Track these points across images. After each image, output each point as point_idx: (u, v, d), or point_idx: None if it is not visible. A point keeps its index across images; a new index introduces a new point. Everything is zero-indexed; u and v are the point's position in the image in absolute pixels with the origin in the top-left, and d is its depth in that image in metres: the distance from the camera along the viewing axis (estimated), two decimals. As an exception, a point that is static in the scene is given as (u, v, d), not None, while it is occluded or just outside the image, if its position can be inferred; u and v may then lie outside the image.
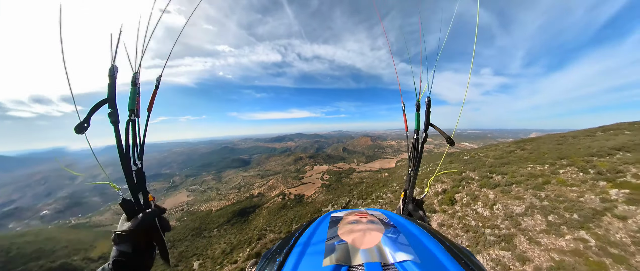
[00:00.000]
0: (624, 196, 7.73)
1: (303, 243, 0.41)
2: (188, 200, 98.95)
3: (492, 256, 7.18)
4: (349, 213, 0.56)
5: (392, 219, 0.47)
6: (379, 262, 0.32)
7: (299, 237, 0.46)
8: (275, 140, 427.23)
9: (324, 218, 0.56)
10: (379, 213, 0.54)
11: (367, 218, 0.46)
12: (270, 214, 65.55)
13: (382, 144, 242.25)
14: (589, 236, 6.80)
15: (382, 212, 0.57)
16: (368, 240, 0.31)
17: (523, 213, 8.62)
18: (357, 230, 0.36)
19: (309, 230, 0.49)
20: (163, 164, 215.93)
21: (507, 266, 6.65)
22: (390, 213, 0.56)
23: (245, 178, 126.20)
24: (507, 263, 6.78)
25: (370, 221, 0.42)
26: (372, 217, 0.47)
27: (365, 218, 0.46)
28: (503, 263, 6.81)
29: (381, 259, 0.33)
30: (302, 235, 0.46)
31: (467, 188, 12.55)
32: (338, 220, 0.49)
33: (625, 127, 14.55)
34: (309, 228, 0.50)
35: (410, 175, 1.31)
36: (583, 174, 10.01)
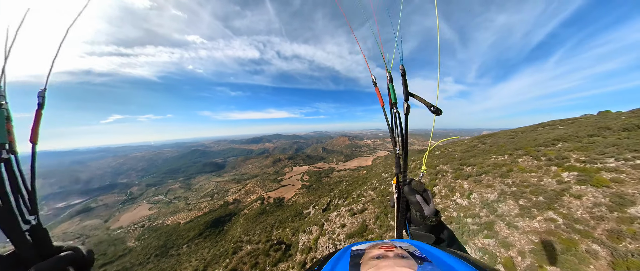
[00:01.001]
0: (574, 177, 8.67)
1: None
2: (150, 214, 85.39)
3: (478, 245, 7.13)
4: (372, 246, 0.47)
5: (424, 252, 0.38)
6: None
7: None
8: (252, 141, 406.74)
9: (343, 252, 0.48)
10: (407, 245, 0.45)
11: (394, 251, 0.39)
12: (248, 221, 60.71)
13: (359, 143, 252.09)
14: (556, 215, 7.28)
15: (412, 243, 0.47)
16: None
17: (497, 200, 9.01)
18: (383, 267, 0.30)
19: (327, 266, 0.42)
20: (118, 172, 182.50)
21: (493, 254, 6.62)
22: (422, 245, 0.45)
23: (219, 184, 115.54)
24: (493, 250, 6.77)
25: (398, 256, 0.35)
26: (400, 250, 0.40)
27: (392, 251, 0.39)
28: (490, 251, 6.77)
29: None
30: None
31: (444, 181, 13.00)
32: (360, 255, 0.42)
33: (558, 123, 17.27)
34: (327, 265, 0.43)
35: (398, 156, 1.11)
36: (537, 161, 11.18)
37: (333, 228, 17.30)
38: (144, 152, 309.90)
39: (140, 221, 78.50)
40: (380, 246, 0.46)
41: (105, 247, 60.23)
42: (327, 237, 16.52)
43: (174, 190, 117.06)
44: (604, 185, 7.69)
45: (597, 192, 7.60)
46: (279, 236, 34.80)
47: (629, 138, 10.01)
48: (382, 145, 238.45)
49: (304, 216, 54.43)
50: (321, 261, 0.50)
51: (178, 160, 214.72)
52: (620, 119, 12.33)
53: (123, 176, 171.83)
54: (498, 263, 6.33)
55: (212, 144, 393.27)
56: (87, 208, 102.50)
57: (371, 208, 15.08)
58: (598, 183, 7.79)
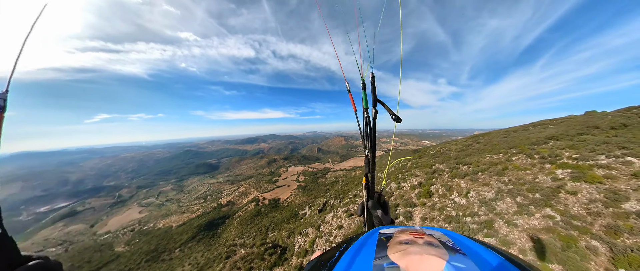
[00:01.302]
0: (568, 174, 8.80)
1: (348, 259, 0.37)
2: (140, 217, 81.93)
3: (479, 244, 7.01)
4: (401, 231, 0.47)
5: (457, 242, 0.37)
6: None
7: (344, 252, 0.41)
8: (246, 141, 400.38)
9: (372, 233, 0.49)
10: (439, 234, 0.43)
11: (424, 238, 0.39)
12: (243, 224, 59.37)
13: (355, 143, 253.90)
14: (554, 212, 7.30)
15: (444, 232, 0.45)
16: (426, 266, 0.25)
17: (494, 198, 9.01)
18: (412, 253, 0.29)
19: (355, 245, 0.44)
20: (105, 174, 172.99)
21: (495, 253, 6.50)
22: (455, 235, 0.44)
23: (213, 186, 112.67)
24: (494, 249, 6.66)
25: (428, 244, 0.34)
26: (430, 238, 0.39)
27: (422, 238, 0.39)
28: (491, 250, 6.66)
29: None
30: (347, 251, 0.42)
31: (441, 180, 12.99)
32: (388, 238, 0.42)
33: (548, 123, 17.77)
34: (355, 243, 0.45)
35: (368, 157, 1.19)
36: (531, 159, 11.34)
37: (330, 230, 16.99)
38: (134, 152, 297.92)
39: (130, 225, 75.21)
40: (409, 232, 0.46)
41: (91, 254, 57.19)
42: (324, 239, 16.19)
43: (165, 192, 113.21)
44: (598, 181, 7.81)
45: (592, 188, 7.71)
46: (274, 238, 34.07)
47: (617, 136, 10.31)
48: (378, 145, 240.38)
49: (300, 217, 53.78)
50: (348, 240, 0.51)
51: (170, 161, 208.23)
52: (607, 118, 12.76)
53: (111, 178, 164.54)
54: (500, 262, 6.23)
55: (206, 144, 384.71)
56: (73, 212, 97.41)
57: (368, 209, 14.89)
58: (592, 179, 7.91)
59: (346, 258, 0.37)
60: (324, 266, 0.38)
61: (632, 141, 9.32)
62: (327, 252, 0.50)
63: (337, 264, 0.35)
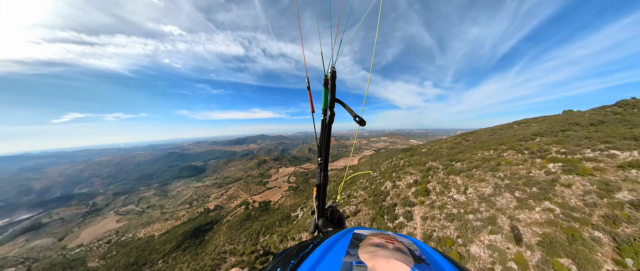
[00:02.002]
0: (559, 168, 9.02)
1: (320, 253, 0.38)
2: (118, 227, 74.71)
3: (485, 242, 6.81)
4: (374, 234, 0.49)
5: (425, 253, 0.39)
6: None
7: (317, 246, 0.43)
8: (235, 142, 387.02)
9: (347, 232, 0.52)
10: (409, 242, 0.46)
11: (394, 244, 0.40)
12: (232, 229, 56.36)
13: (345, 143, 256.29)
14: (553, 205, 7.33)
15: (414, 242, 0.48)
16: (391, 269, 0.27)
17: (493, 193, 8.98)
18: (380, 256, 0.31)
19: (329, 240, 0.46)
20: (76, 181, 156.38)
21: (502, 250, 6.31)
22: (424, 246, 0.46)
23: (199, 190, 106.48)
24: (501, 246, 6.49)
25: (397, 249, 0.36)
26: (400, 245, 0.41)
27: (393, 244, 0.41)
28: (498, 248, 6.47)
29: None
30: (320, 245, 0.43)
31: (436, 177, 12.95)
32: (361, 238, 0.45)
33: (531, 121, 18.74)
34: (329, 239, 0.47)
35: (320, 165, 1.09)
36: (521, 155, 11.65)
37: (325, 233, 16.31)
38: (110, 155, 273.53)
39: (106, 236, 68.41)
40: (382, 236, 0.48)
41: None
42: (319, 243, 15.47)
43: (147, 198, 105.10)
44: (589, 173, 8.03)
45: (584, 180, 7.90)
46: (265, 243, 32.51)
47: (597, 132, 10.89)
48: (367, 145, 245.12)
49: (292, 219, 52.28)
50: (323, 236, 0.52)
51: (152, 164, 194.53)
52: (585, 116, 13.59)
53: (84, 184, 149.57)
54: (509, 259, 6.02)
55: (191, 146, 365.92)
56: (37, 224, 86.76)
57: (365, 210, 14.50)
58: (583, 172, 8.13)
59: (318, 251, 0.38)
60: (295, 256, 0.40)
61: (611, 136, 9.84)
62: (302, 243, 0.51)
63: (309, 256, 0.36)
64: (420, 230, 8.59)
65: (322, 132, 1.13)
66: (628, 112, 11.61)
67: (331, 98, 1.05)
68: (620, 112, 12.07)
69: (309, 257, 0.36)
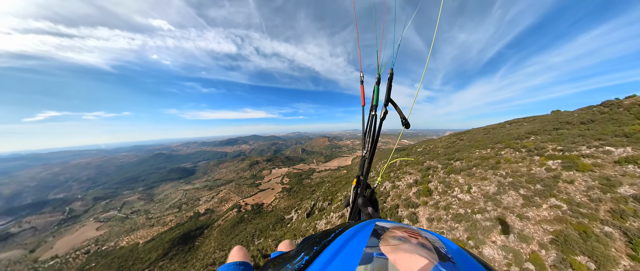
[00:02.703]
0: (559, 164, 9.16)
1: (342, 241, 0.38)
2: (98, 235, 69.49)
3: (497, 243, 6.62)
4: (396, 227, 0.49)
5: (451, 251, 0.38)
6: None
7: (339, 234, 0.43)
8: (226, 143, 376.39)
9: (369, 223, 0.52)
10: (434, 238, 0.44)
11: (418, 239, 0.40)
12: (224, 234, 54.08)
13: (338, 144, 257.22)
14: (559, 201, 7.32)
15: (439, 238, 0.47)
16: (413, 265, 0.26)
17: (498, 191, 8.92)
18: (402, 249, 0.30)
19: (351, 231, 0.45)
20: (51, 185, 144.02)
21: (517, 251, 6.13)
22: (450, 243, 0.45)
23: (188, 193, 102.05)
24: (515, 247, 6.31)
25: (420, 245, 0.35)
26: (424, 240, 0.40)
27: (417, 239, 0.40)
28: (512, 248, 6.29)
29: None
30: (342, 234, 0.44)
31: (437, 176, 12.87)
32: (383, 231, 0.44)
33: (522, 121, 19.39)
34: (351, 229, 0.47)
35: (364, 158, 1.17)
36: (519, 153, 11.84)
37: (324, 237, 15.77)
38: (90, 157, 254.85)
39: (84, 245, 63.25)
40: (405, 230, 0.47)
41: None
42: (319, 248, 14.89)
43: (131, 202, 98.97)
44: (589, 169, 8.17)
45: (585, 176, 8.01)
46: (260, 246, 31.27)
47: (589, 130, 11.29)
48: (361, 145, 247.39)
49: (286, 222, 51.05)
50: (346, 225, 0.52)
51: (137, 167, 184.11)
52: (574, 116, 14.17)
53: (59, 189, 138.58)
54: (525, 260, 5.83)
55: (180, 147, 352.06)
56: (4, 234, 78.84)
57: (365, 211, 14.15)
58: (583, 168, 8.26)
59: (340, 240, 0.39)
60: (318, 243, 0.40)
61: (604, 133, 10.19)
62: (324, 232, 0.51)
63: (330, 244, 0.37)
64: (428, 231, 8.31)
65: (369, 126, 1.18)
66: (614, 112, 12.18)
67: (386, 97, 1.10)
68: (606, 111, 12.65)
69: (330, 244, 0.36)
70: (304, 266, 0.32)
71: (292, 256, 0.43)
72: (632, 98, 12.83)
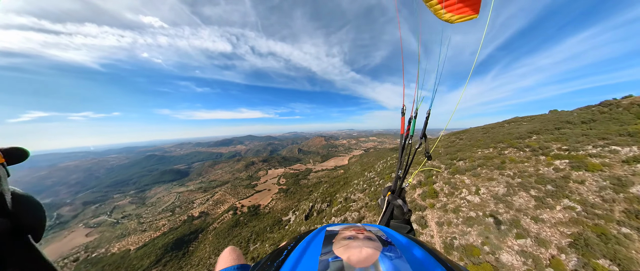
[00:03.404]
0: (567, 164, 9.08)
1: (296, 257, 0.39)
2: (88, 242, 66.75)
3: (515, 248, 6.39)
4: (345, 228, 0.53)
5: (390, 237, 0.45)
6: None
7: (292, 250, 0.44)
8: (221, 143, 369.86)
9: (319, 231, 0.54)
10: (376, 230, 0.51)
11: (364, 234, 0.44)
12: (219, 237, 52.79)
13: (335, 143, 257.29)
14: (573, 202, 7.17)
15: (380, 228, 0.54)
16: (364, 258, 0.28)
17: (507, 193, 8.75)
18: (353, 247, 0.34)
19: (303, 243, 0.47)
20: (37, 189, 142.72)
21: (536, 256, 5.90)
22: (389, 231, 0.53)
23: (182, 195, 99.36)
24: (534, 252, 6.09)
25: (367, 238, 0.40)
26: (369, 233, 0.45)
27: (362, 234, 0.45)
28: (530, 253, 6.06)
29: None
30: (295, 249, 0.44)
31: (441, 177, 12.68)
32: (333, 235, 0.47)
33: (521, 120, 19.54)
34: (303, 242, 0.49)
35: (397, 176, 1.38)
36: (523, 152, 11.78)
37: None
38: (78, 160, 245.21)
39: (73, 253, 60.53)
40: (352, 229, 0.51)
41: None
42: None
43: (121, 206, 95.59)
44: (598, 169, 8.09)
45: (595, 176, 7.92)
46: (256, 252, 30.49)
47: (592, 129, 11.33)
48: (357, 145, 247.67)
49: (284, 224, 50.31)
50: (297, 238, 0.54)
51: (128, 169, 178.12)
52: (573, 115, 14.30)
53: (46, 193, 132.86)
54: (546, 265, 5.60)
55: (173, 148, 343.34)
56: None
57: (369, 216, 13.85)
58: (593, 168, 8.17)
59: (294, 256, 0.39)
60: (270, 266, 0.39)
61: (607, 133, 10.21)
62: (275, 252, 0.51)
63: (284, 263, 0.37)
64: (439, 238, 8.04)
65: (403, 150, 1.46)
66: (614, 111, 12.31)
67: (423, 132, 1.42)
68: (606, 111, 12.79)
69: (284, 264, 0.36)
70: None
71: None
72: (630, 99, 13.03)
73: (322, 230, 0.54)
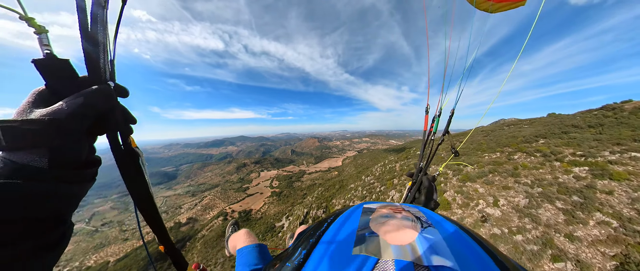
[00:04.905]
0: (588, 172, 8.55)
1: (335, 229, 0.42)
2: None
3: (555, 272, 5.55)
4: (382, 206, 0.54)
5: (430, 218, 0.44)
6: (412, 261, 0.30)
7: (332, 223, 0.47)
8: (211, 144, 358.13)
9: (357, 208, 0.56)
10: (415, 210, 0.51)
11: (402, 213, 0.45)
12: (208, 246, 49.95)
13: (328, 145, 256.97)
14: (606, 216, 6.53)
15: (420, 209, 0.53)
16: (401, 236, 0.31)
17: (530, 205, 8.05)
18: (390, 225, 0.36)
19: (341, 218, 0.50)
20: None
21: (583, 282, 5.07)
22: (428, 211, 0.52)
23: (169, 200, 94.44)
24: (578, 276, 5.26)
25: (405, 218, 0.41)
26: (407, 213, 0.46)
27: (400, 213, 0.45)
28: (576, 278, 5.22)
29: (414, 259, 0.31)
30: (334, 222, 0.48)
31: (450, 184, 11.95)
32: (371, 212, 0.49)
33: (521, 123, 19.44)
34: (342, 216, 0.51)
35: (419, 167, 1.56)
36: (533, 157, 11.29)
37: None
38: None
39: None
40: (390, 207, 0.52)
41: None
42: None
43: (101, 213, 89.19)
44: (625, 178, 7.57)
45: (622, 185, 7.39)
46: None
47: (602, 134, 11.03)
48: (350, 146, 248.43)
49: (277, 231, 48.48)
50: (336, 213, 0.56)
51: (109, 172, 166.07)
52: (576, 119, 14.14)
53: None
54: (601, 297, 4.80)
55: (161, 149, 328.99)
56: None
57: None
58: (619, 176, 7.65)
59: (333, 228, 0.43)
60: (313, 235, 0.43)
61: (621, 137, 9.88)
62: (318, 222, 0.54)
63: (325, 233, 0.40)
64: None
65: (426, 145, 1.62)
66: (619, 116, 12.15)
67: (446, 129, 1.64)
68: (610, 115, 12.65)
69: (325, 234, 0.40)
70: (303, 260, 0.36)
71: (290, 253, 0.46)
72: (633, 103, 13.00)
73: (359, 206, 0.55)
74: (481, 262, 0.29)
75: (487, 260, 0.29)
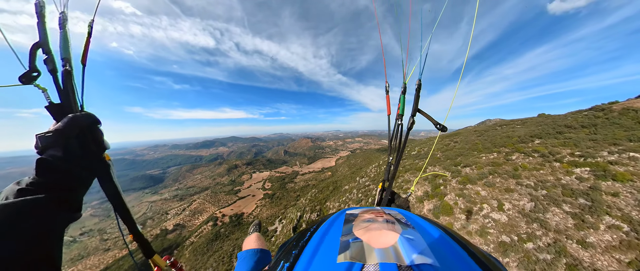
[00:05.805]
0: (590, 173, 8.44)
1: (318, 238, 0.42)
2: None
3: (573, 283, 5.18)
4: (364, 211, 0.55)
5: (410, 219, 0.46)
6: (395, 263, 0.31)
7: (315, 232, 0.47)
8: (201, 145, 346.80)
9: (339, 214, 0.56)
10: (395, 213, 0.53)
11: (383, 216, 0.46)
12: (197, 254, 47.71)
13: (321, 145, 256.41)
14: (616, 220, 6.32)
15: (400, 211, 0.55)
16: (384, 239, 0.31)
17: (536, 208, 7.78)
18: (372, 229, 0.36)
19: (324, 226, 0.50)
20: None
21: (606, 295, 4.72)
22: (408, 213, 0.54)
23: (155, 205, 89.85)
24: (599, 289, 4.91)
25: (386, 221, 0.42)
26: (388, 216, 0.47)
27: (382, 216, 0.46)
28: (598, 291, 4.87)
29: (397, 260, 0.32)
30: (317, 231, 0.48)
31: (450, 187, 11.65)
32: (353, 218, 0.50)
33: (513, 123, 19.72)
34: (324, 224, 0.51)
35: (389, 164, 1.27)
36: (532, 158, 11.21)
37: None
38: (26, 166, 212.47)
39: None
40: (371, 212, 0.53)
41: None
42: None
43: (81, 220, 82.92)
44: (628, 179, 7.47)
45: (626, 187, 7.28)
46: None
47: (596, 134, 11.12)
48: (343, 146, 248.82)
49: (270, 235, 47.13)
50: (318, 222, 0.56)
51: None
52: (568, 119, 14.37)
53: None
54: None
55: (146, 151, 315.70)
56: None
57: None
58: (622, 178, 7.53)
59: (316, 237, 0.43)
60: (296, 247, 0.43)
61: (617, 138, 9.94)
62: (300, 233, 0.54)
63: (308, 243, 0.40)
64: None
65: (394, 134, 1.25)
66: (610, 116, 12.39)
67: (414, 107, 1.16)
68: (600, 115, 12.90)
69: (308, 244, 0.40)
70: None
71: (272, 266, 0.46)
72: (620, 104, 13.35)
73: (342, 213, 0.55)
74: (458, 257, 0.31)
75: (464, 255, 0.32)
